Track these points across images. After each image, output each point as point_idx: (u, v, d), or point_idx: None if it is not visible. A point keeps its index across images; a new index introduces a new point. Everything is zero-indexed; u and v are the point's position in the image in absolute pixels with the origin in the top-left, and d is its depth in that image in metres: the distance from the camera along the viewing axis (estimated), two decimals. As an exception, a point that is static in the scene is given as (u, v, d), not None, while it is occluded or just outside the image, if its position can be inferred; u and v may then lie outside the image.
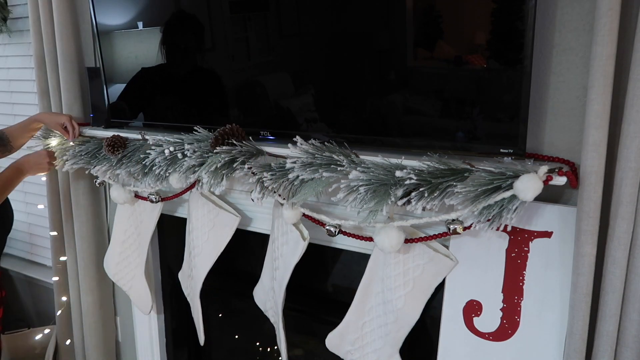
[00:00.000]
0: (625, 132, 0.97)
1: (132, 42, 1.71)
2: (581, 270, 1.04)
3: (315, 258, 1.49)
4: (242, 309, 1.95)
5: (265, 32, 1.42)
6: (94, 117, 1.92)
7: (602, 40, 0.94)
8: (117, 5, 1.69)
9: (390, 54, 1.23)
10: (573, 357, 1.08)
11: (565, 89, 1.12)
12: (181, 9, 1.58)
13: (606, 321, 1.05)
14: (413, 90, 1.23)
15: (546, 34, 1.11)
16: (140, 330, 2.17)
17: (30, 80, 2.24)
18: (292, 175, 1.24)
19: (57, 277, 2.21)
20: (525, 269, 1.16)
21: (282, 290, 1.46)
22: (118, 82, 1.80)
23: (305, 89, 1.40)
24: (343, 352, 1.45)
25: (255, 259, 1.69)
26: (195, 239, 1.67)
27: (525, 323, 1.18)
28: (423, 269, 1.25)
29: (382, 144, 1.27)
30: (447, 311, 1.27)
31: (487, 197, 1.03)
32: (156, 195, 1.74)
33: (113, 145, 1.62)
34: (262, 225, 1.63)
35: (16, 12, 2.24)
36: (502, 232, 1.17)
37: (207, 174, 1.37)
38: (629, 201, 0.98)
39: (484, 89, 1.13)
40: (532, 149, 1.16)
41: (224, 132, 1.36)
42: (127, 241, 1.92)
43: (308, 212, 1.35)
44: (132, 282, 1.93)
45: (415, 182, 1.08)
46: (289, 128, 1.41)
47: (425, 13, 1.17)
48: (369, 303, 1.37)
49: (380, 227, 1.22)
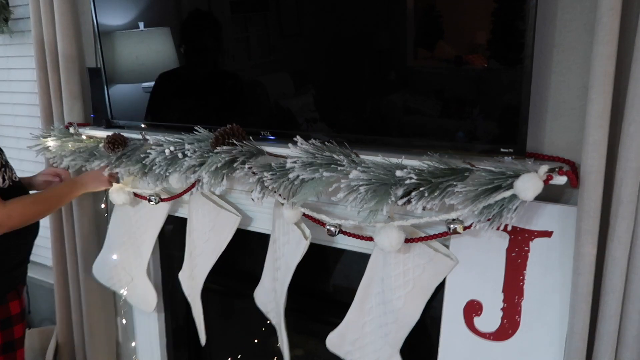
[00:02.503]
0: (625, 132, 0.97)
1: (133, 42, 1.71)
2: (581, 270, 1.04)
3: (316, 258, 1.49)
4: (243, 309, 1.95)
5: (266, 32, 1.42)
6: (95, 118, 1.92)
7: (602, 40, 0.94)
8: (118, 6, 1.69)
9: (390, 53, 1.23)
10: (573, 357, 1.08)
11: (565, 89, 1.12)
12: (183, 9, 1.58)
13: (606, 321, 1.04)
14: (413, 90, 1.23)
15: (547, 34, 1.11)
16: (140, 330, 2.17)
17: (31, 80, 2.24)
18: (292, 175, 1.24)
19: (57, 277, 2.21)
20: (525, 268, 1.16)
21: (284, 291, 1.46)
22: (119, 83, 1.80)
23: (306, 88, 1.40)
24: (343, 352, 1.45)
25: (256, 258, 1.69)
26: (196, 239, 1.67)
27: (525, 323, 1.18)
28: (423, 269, 1.25)
29: (383, 143, 1.27)
30: (448, 311, 1.27)
31: (487, 197, 1.03)
32: (156, 196, 1.74)
33: (113, 142, 1.62)
34: (262, 225, 1.63)
35: (17, 13, 2.24)
36: (503, 231, 1.17)
37: (208, 173, 1.37)
38: (629, 201, 0.98)
39: (484, 89, 1.13)
40: (533, 149, 1.16)
41: (224, 132, 1.36)
42: (125, 243, 1.91)
43: (308, 211, 1.35)
44: (133, 282, 1.93)
45: (416, 182, 1.08)
46: (290, 128, 1.41)
47: (425, 13, 1.17)
48: (369, 303, 1.37)
49: (380, 227, 1.22)
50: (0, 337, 1.44)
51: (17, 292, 1.50)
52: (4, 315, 1.45)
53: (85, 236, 2.05)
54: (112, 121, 1.84)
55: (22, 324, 1.53)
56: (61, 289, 2.24)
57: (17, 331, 1.50)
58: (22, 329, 1.53)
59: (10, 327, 1.47)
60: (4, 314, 1.45)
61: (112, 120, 1.84)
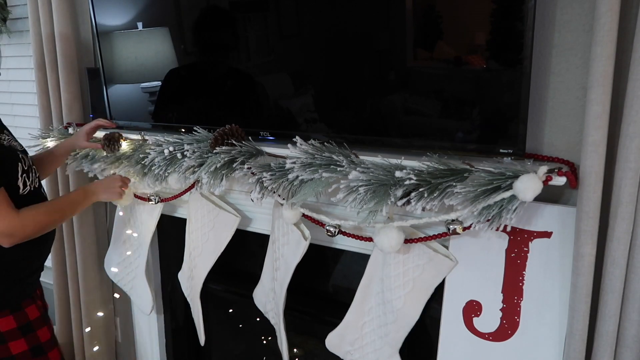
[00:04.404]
0: (624, 133, 0.97)
1: (132, 42, 1.71)
2: (581, 271, 1.04)
3: (315, 258, 1.49)
4: (242, 309, 1.95)
5: (265, 33, 1.42)
6: (94, 118, 1.92)
7: (601, 41, 0.94)
8: (116, 6, 1.69)
9: (390, 54, 1.23)
10: (573, 357, 1.08)
11: (564, 90, 1.12)
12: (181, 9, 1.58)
13: (606, 321, 1.05)
14: (413, 90, 1.22)
15: (546, 35, 1.11)
16: (140, 330, 2.17)
17: (30, 80, 2.24)
18: (291, 175, 1.24)
19: (57, 277, 2.21)
20: (525, 269, 1.16)
21: (283, 291, 1.46)
22: (117, 83, 1.80)
23: (305, 89, 1.40)
24: (343, 352, 1.45)
25: (255, 259, 1.69)
26: (196, 239, 1.67)
27: (525, 323, 1.18)
28: (423, 269, 1.25)
29: (382, 144, 1.27)
30: (447, 311, 1.27)
31: (486, 198, 1.03)
32: (156, 196, 1.74)
33: (110, 140, 1.61)
34: (262, 226, 1.63)
35: (16, 13, 2.23)
36: (502, 232, 1.17)
37: (207, 174, 1.37)
38: (629, 201, 0.98)
39: (483, 90, 1.13)
40: (532, 149, 1.16)
41: (224, 133, 1.36)
42: (127, 241, 1.92)
43: (308, 212, 1.35)
44: (134, 282, 1.94)
45: (415, 183, 1.08)
46: (289, 128, 1.41)
47: (425, 13, 1.17)
48: (369, 303, 1.37)
49: (379, 228, 1.22)
50: (24, 342, 1.41)
51: (32, 298, 1.46)
52: (23, 321, 1.42)
53: (84, 236, 2.05)
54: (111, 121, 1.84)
55: (47, 327, 1.49)
56: (61, 289, 2.24)
57: (42, 334, 1.45)
58: (48, 331, 1.48)
59: (32, 331, 1.43)
60: (22, 320, 1.41)
61: (111, 120, 1.84)
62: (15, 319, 1.40)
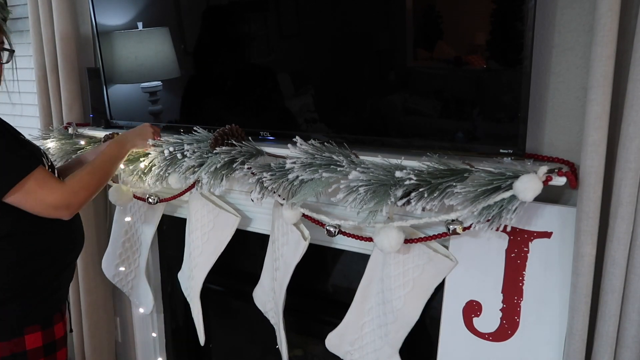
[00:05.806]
0: (624, 133, 0.97)
1: (132, 42, 1.71)
2: (581, 271, 1.04)
3: (315, 258, 1.49)
4: (242, 309, 1.95)
5: (265, 33, 1.42)
6: (94, 118, 1.92)
7: (601, 41, 0.94)
8: (116, 6, 1.69)
9: (390, 54, 1.23)
10: (573, 357, 1.08)
11: (564, 90, 1.12)
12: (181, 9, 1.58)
13: (606, 321, 1.05)
14: (413, 90, 1.23)
15: (546, 35, 1.11)
16: (139, 330, 2.17)
17: (30, 80, 2.24)
18: (291, 175, 1.24)
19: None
20: (525, 269, 1.16)
21: (282, 291, 1.46)
22: (117, 83, 1.80)
23: (305, 89, 1.40)
24: (343, 352, 1.45)
25: (255, 259, 1.69)
26: (195, 239, 1.67)
27: (525, 323, 1.18)
28: (423, 270, 1.25)
29: (382, 144, 1.27)
30: (447, 311, 1.27)
31: (486, 198, 1.03)
32: (155, 197, 1.74)
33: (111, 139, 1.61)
34: (262, 226, 1.63)
35: (16, 13, 2.23)
36: (502, 232, 1.17)
37: (207, 174, 1.37)
38: (629, 201, 0.98)
39: (483, 90, 1.13)
40: (532, 150, 1.16)
41: (224, 133, 1.36)
42: (127, 242, 1.92)
43: (308, 212, 1.35)
44: (133, 282, 1.93)
45: (415, 183, 1.08)
46: (289, 128, 1.41)
47: (425, 13, 1.17)
48: (369, 303, 1.37)
49: (379, 228, 1.22)
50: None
51: (61, 313, 1.38)
52: (48, 339, 1.32)
53: (85, 236, 2.05)
54: (111, 121, 1.84)
55: (65, 349, 1.39)
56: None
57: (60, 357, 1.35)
58: (65, 355, 1.39)
59: (53, 352, 1.33)
60: (49, 339, 1.32)
61: (111, 120, 1.84)
62: (43, 336, 1.31)
